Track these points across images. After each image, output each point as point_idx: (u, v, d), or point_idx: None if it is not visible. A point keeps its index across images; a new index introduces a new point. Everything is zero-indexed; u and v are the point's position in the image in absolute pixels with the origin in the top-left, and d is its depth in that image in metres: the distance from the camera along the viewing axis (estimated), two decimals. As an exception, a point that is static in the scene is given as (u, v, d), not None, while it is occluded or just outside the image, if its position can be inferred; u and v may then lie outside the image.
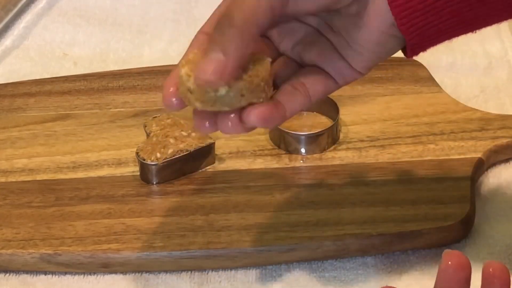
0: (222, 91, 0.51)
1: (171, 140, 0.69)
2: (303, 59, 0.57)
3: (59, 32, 0.89)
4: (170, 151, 0.68)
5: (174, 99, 0.53)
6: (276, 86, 0.55)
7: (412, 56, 0.58)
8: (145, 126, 0.71)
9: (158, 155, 0.67)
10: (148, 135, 0.70)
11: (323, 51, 0.56)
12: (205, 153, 0.69)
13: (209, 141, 0.69)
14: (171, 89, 0.53)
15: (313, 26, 0.56)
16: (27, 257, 0.63)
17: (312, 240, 0.63)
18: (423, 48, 0.58)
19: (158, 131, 0.70)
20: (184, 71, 0.52)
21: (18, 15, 0.91)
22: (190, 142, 0.68)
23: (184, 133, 0.69)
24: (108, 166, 0.70)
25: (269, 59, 0.53)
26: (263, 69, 0.52)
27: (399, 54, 0.82)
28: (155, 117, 0.72)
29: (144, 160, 0.68)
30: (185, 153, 0.68)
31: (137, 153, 0.68)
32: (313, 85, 0.56)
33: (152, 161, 0.67)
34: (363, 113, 0.74)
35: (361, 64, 0.57)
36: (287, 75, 0.56)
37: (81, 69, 0.84)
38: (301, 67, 0.57)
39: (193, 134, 0.69)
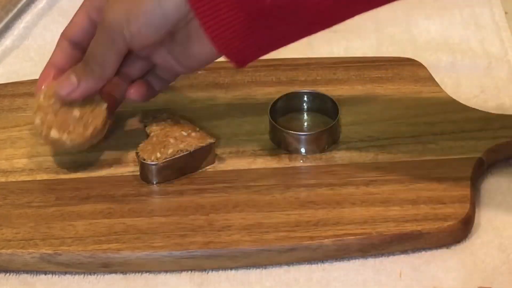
0: (68, 145, 0.68)
1: (171, 140, 0.69)
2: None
3: (59, 32, 0.89)
4: (170, 151, 0.68)
5: None
6: None
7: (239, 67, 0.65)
8: (145, 126, 0.71)
9: (158, 155, 0.67)
10: (148, 135, 0.70)
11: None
12: (205, 153, 0.69)
13: (209, 141, 0.69)
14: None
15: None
16: (27, 257, 0.63)
17: (312, 240, 0.63)
18: (247, 62, 0.65)
19: (158, 131, 0.70)
20: (37, 122, 0.68)
21: (18, 15, 0.91)
22: (190, 142, 0.68)
23: (184, 133, 0.69)
24: (108, 166, 0.70)
25: (105, 105, 0.69)
26: (100, 120, 0.69)
27: (399, 54, 0.82)
28: (156, 117, 0.72)
29: (144, 160, 0.67)
30: (185, 153, 0.68)
31: (137, 153, 0.68)
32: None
33: (152, 161, 0.67)
34: (363, 113, 0.74)
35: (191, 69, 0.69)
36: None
37: (81, 69, 0.84)
38: None
39: (193, 134, 0.69)
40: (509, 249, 0.64)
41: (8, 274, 0.64)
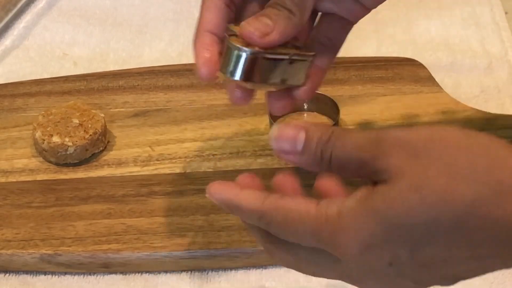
0: (71, 150, 0.68)
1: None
2: (317, 9, 0.58)
3: (59, 32, 0.89)
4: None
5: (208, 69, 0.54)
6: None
7: None
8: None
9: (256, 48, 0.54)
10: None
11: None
12: (303, 67, 0.57)
13: (310, 53, 0.58)
14: (206, 55, 0.54)
15: None
16: (27, 257, 0.63)
17: (312, 240, 0.63)
18: None
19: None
20: (38, 135, 0.68)
21: (18, 15, 0.91)
22: (288, 50, 0.57)
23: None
24: (108, 166, 0.70)
25: (103, 115, 0.70)
26: (99, 125, 0.69)
27: (399, 54, 0.82)
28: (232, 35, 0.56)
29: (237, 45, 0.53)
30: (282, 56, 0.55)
31: (229, 35, 0.55)
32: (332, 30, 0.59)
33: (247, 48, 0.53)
34: (363, 113, 0.74)
35: (371, 2, 0.58)
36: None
37: (81, 69, 0.84)
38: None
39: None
40: (509, 249, 0.64)
41: (8, 274, 0.64)
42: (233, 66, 0.53)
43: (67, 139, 0.69)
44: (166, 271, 0.64)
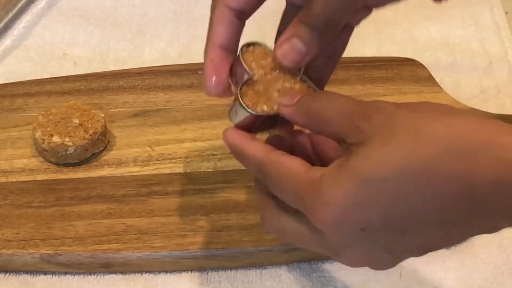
0: (71, 149, 0.68)
1: (275, 94, 0.55)
2: None
3: (59, 32, 0.89)
4: (275, 107, 0.55)
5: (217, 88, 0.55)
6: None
7: None
8: (242, 57, 0.56)
9: (265, 107, 0.54)
10: (249, 73, 0.55)
11: None
12: None
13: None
14: (214, 78, 0.54)
15: None
16: (27, 257, 0.63)
17: (312, 240, 0.63)
18: None
19: (261, 75, 0.55)
20: (38, 135, 0.68)
21: (18, 15, 0.91)
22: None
23: (287, 85, 0.56)
24: (108, 166, 0.70)
25: (103, 115, 0.70)
26: (99, 125, 0.70)
27: (399, 54, 0.82)
28: (249, 46, 0.56)
29: (248, 107, 0.54)
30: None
31: (240, 96, 0.54)
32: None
33: (257, 112, 0.54)
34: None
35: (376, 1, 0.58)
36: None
37: (81, 69, 0.84)
38: None
39: (297, 86, 0.57)
40: (509, 249, 0.64)
41: (8, 274, 0.64)
42: (238, 118, 0.54)
43: (67, 139, 0.69)
44: (166, 271, 0.64)
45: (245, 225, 0.64)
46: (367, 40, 0.86)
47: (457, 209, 0.45)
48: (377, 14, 0.60)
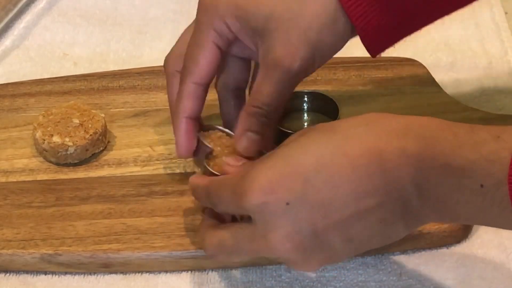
0: (71, 149, 0.69)
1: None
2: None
3: (59, 32, 0.89)
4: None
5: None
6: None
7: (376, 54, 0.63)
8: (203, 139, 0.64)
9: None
10: (211, 149, 0.63)
11: None
12: None
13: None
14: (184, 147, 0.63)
15: None
16: (28, 257, 0.63)
17: (312, 240, 0.63)
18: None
19: (219, 151, 0.63)
20: (38, 135, 0.69)
21: (18, 15, 0.91)
22: None
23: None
24: (108, 166, 0.70)
25: (103, 115, 0.71)
26: (99, 125, 0.70)
27: (399, 53, 0.82)
28: (205, 131, 0.65)
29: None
30: None
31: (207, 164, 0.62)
32: None
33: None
34: (363, 113, 0.74)
35: None
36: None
37: (81, 69, 0.84)
38: None
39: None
40: (509, 249, 0.64)
41: (8, 274, 0.64)
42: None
43: (67, 139, 0.69)
44: (166, 271, 0.64)
45: (245, 225, 0.64)
46: (367, 40, 0.86)
47: (370, 179, 0.49)
48: (377, 14, 0.60)
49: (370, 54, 0.62)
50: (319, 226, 0.51)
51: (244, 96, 0.66)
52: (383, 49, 0.62)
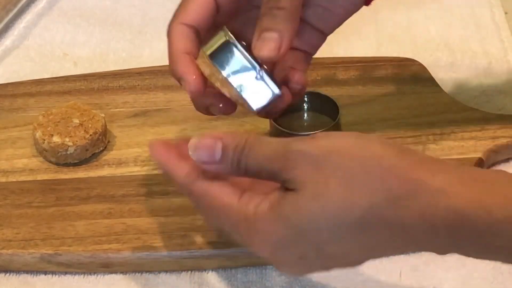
0: (71, 149, 0.68)
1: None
2: None
3: (59, 32, 0.89)
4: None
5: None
6: None
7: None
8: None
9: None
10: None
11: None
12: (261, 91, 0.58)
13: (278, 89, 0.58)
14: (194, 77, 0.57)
15: None
16: (28, 257, 0.63)
17: (312, 240, 0.63)
18: None
19: None
20: (38, 135, 0.69)
21: (18, 15, 0.91)
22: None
23: None
24: (108, 166, 0.70)
25: (103, 115, 0.70)
26: (99, 125, 0.70)
27: (399, 54, 0.82)
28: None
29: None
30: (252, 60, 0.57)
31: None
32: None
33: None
34: (363, 113, 0.74)
35: (330, 25, 0.60)
36: None
37: (81, 69, 0.84)
38: None
39: None
40: (509, 249, 0.64)
41: (8, 274, 0.64)
42: (215, 46, 0.56)
43: (67, 139, 0.69)
44: (166, 271, 0.64)
45: (245, 225, 0.64)
46: (367, 40, 0.86)
47: (389, 245, 0.49)
48: (377, 14, 0.60)
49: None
50: (331, 266, 0.51)
51: None
52: None
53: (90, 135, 0.70)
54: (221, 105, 0.59)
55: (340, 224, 0.48)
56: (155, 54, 0.87)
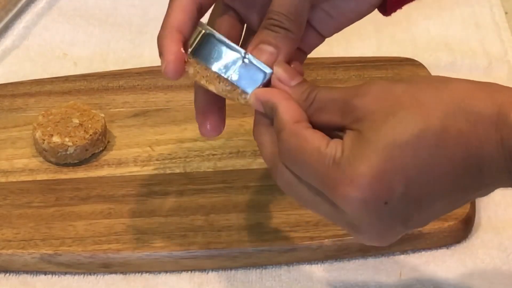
0: (71, 150, 0.68)
1: None
2: None
3: (59, 32, 0.89)
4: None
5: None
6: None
7: (391, 12, 0.60)
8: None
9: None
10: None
11: None
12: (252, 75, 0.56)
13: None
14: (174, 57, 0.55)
15: None
16: (27, 257, 0.63)
17: (312, 240, 0.63)
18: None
19: None
20: (38, 135, 0.69)
21: (18, 15, 0.91)
22: None
23: None
24: (108, 166, 0.70)
25: (103, 115, 0.70)
26: (99, 125, 0.70)
27: (399, 54, 0.82)
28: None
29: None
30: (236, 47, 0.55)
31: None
32: None
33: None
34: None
35: (330, 29, 0.59)
36: None
37: (81, 69, 0.84)
38: None
39: None
40: (509, 249, 0.64)
41: (8, 274, 0.64)
42: (195, 43, 0.54)
43: (67, 139, 0.69)
44: (166, 271, 0.64)
45: (245, 225, 0.64)
46: (367, 40, 0.86)
47: (467, 173, 0.47)
48: (377, 14, 0.60)
49: (386, 10, 0.60)
50: (412, 221, 0.49)
51: None
52: (401, 5, 0.61)
53: (90, 135, 0.70)
54: (208, 126, 0.58)
55: (421, 136, 0.46)
56: (155, 54, 0.86)
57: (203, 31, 0.54)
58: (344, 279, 0.62)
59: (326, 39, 0.63)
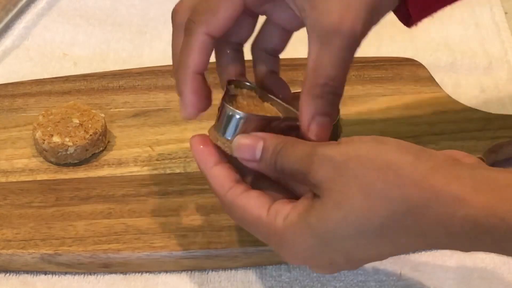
0: (71, 150, 0.69)
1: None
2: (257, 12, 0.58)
3: (59, 32, 0.89)
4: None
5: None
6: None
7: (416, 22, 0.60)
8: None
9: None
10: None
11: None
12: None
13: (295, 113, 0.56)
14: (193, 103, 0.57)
15: None
16: (28, 257, 0.63)
17: (312, 240, 0.63)
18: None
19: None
20: (38, 135, 0.69)
21: (18, 15, 0.91)
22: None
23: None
24: (108, 166, 0.70)
25: (103, 115, 0.71)
26: (99, 125, 0.70)
27: (399, 54, 0.82)
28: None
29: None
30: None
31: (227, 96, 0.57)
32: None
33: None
34: (363, 113, 0.74)
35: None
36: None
37: (81, 69, 0.84)
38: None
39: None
40: (509, 249, 0.64)
41: (8, 274, 0.64)
42: (228, 127, 0.56)
43: (67, 139, 0.69)
44: (166, 271, 0.64)
45: (245, 225, 0.64)
46: (367, 40, 0.86)
47: (411, 246, 0.51)
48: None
49: (410, 22, 0.60)
50: (359, 264, 0.54)
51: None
52: (425, 16, 0.61)
53: (90, 135, 0.70)
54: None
55: (362, 232, 0.49)
56: (155, 54, 0.87)
57: (229, 113, 0.55)
58: (344, 279, 0.62)
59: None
